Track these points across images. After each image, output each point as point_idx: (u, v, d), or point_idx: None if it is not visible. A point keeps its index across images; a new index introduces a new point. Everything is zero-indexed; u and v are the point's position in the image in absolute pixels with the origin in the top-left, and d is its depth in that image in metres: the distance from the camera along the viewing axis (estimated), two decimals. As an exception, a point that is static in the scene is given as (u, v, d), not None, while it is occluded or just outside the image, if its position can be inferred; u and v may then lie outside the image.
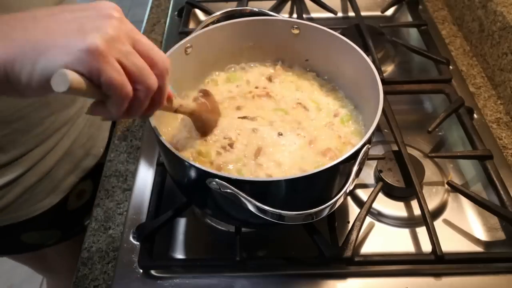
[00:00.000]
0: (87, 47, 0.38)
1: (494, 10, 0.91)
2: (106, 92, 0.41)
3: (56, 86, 0.37)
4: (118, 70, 0.40)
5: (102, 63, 0.38)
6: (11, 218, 0.79)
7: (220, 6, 1.05)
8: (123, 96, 0.41)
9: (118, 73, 0.40)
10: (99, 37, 0.38)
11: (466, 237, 0.69)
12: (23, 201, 0.78)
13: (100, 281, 0.65)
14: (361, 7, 1.05)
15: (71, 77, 0.37)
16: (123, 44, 0.41)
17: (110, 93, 0.41)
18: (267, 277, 0.64)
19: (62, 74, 0.37)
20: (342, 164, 0.53)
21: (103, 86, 0.40)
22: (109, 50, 0.39)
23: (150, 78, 0.43)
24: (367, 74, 0.64)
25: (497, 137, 0.82)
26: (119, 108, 0.42)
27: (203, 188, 0.53)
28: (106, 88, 0.40)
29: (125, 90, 0.41)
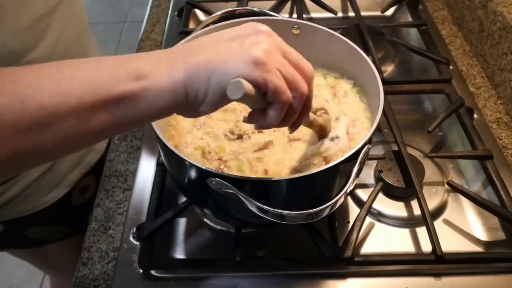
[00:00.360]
0: (253, 59, 0.42)
1: (494, 10, 0.91)
2: (271, 99, 0.44)
3: (232, 94, 0.41)
4: (280, 78, 0.44)
5: (267, 72, 0.42)
6: (15, 212, 0.80)
7: (220, 6, 1.05)
8: (285, 101, 0.44)
9: (281, 81, 0.43)
10: (260, 50, 0.43)
11: (466, 237, 0.69)
12: (26, 196, 0.79)
13: (100, 281, 0.65)
14: (361, 7, 1.05)
15: (245, 84, 0.41)
16: (278, 56, 0.44)
17: (274, 99, 0.44)
18: (267, 277, 0.64)
19: (238, 83, 0.41)
20: (343, 164, 0.53)
21: (269, 92, 0.43)
22: (270, 61, 0.43)
23: (303, 85, 0.46)
24: (367, 74, 0.64)
25: (497, 137, 0.82)
26: (280, 114, 0.45)
27: (203, 188, 0.53)
28: (271, 95, 0.43)
29: (287, 95, 0.44)
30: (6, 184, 0.75)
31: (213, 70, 0.42)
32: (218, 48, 0.44)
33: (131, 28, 2.94)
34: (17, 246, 0.93)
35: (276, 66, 0.43)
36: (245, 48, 0.43)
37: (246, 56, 0.42)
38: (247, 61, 0.42)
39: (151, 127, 0.57)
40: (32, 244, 0.90)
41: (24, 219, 0.82)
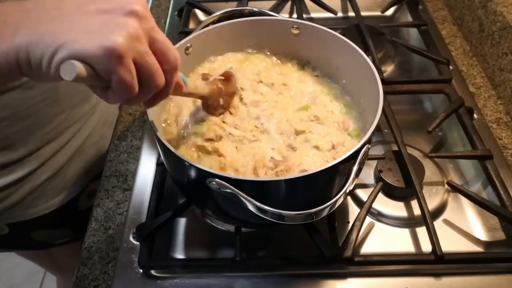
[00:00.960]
0: (109, 47, 0.39)
1: (494, 10, 0.91)
2: (113, 87, 0.42)
3: (64, 74, 0.39)
4: (131, 71, 0.41)
5: (117, 64, 0.40)
6: (21, 215, 0.80)
7: (220, 6, 1.05)
8: (127, 93, 0.42)
9: (130, 75, 0.41)
10: (121, 37, 0.39)
11: (466, 237, 0.69)
12: (33, 199, 0.79)
13: (100, 281, 0.65)
14: (361, 7, 1.05)
15: (79, 70, 0.39)
16: (141, 44, 0.42)
17: (117, 90, 0.42)
18: (267, 277, 0.64)
19: (71, 65, 0.39)
20: (342, 164, 0.53)
21: (112, 82, 0.41)
22: (127, 51, 0.40)
23: (158, 78, 0.44)
24: (367, 74, 0.64)
25: (497, 137, 0.82)
26: (120, 99, 0.44)
27: (203, 188, 0.53)
28: (114, 86, 0.41)
29: (131, 89, 0.42)
30: (12, 187, 0.75)
31: (60, 44, 0.39)
32: (77, 20, 0.40)
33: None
34: (21, 248, 0.93)
35: (133, 56, 0.41)
36: (107, 30, 0.40)
37: (102, 41, 0.39)
38: (100, 46, 0.39)
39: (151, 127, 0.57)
40: (37, 246, 0.90)
41: (30, 222, 0.81)
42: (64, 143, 0.79)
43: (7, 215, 0.78)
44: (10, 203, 0.76)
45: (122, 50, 0.39)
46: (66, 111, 0.77)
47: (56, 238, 0.90)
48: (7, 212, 0.78)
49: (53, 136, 0.77)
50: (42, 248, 0.91)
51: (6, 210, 0.77)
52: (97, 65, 0.39)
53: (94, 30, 0.39)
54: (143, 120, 0.88)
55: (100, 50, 0.39)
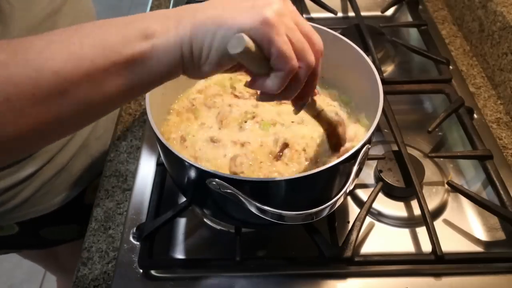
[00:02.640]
0: (262, 18, 0.41)
1: (494, 10, 0.91)
2: (274, 63, 0.43)
3: (232, 48, 0.40)
4: (288, 42, 0.42)
5: (274, 34, 0.41)
6: (30, 213, 0.80)
7: (220, 6, 1.05)
8: (289, 68, 0.43)
9: (288, 46, 0.42)
10: (272, 11, 0.41)
11: (466, 237, 0.69)
12: (41, 196, 0.79)
13: (100, 281, 0.65)
14: (361, 7, 1.05)
15: (247, 39, 0.40)
16: (289, 21, 0.43)
17: (278, 64, 0.42)
18: (267, 277, 0.64)
19: (240, 37, 0.40)
20: (342, 164, 0.53)
21: (273, 56, 0.42)
22: (280, 24, 0.41)
23: (311, 56, 0.45)
24: (367, 74, 0.64)
25: (497, 137, 0.82)
26: (282, 82, 0.44)
27: (203, 188, 0.53)
28: (275, 58, 0.42)
29: (292, 63, 0.43)
30: (20, 185, 0.75)
31: (219, 24, 0.41)
32: (229, 6, 0.43)
33: (131, 28, 2.94)
34: (32, 247, 0.93)
35: (285, 31, 0.42)
36: (257, 7, 0.42)
37: (255, 15, 0.41)
38: (255, 19, 0.41)
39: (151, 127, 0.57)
40: (47, 244, 0.91)
41: (39, 220, 0.82)
42: (69, 138, 0.80)
43: (17, 212, 0.79)
44: (19, 200, 0.77)
45: (274, 21, 0.41)
46: None
47: (65, 234, 0.91)
48: (17, 210, 0.78)
49: None
50: (50, 246, 0.92)
51: (15, 208, 0.77)
52: (257, 38, 0.41)
53: (246, 10, 0.42)
54: (143, 120, 0.88)
55: (257, 21, 0.41)
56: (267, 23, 0.41)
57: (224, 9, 0.42)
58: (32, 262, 1.08)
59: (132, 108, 0.90)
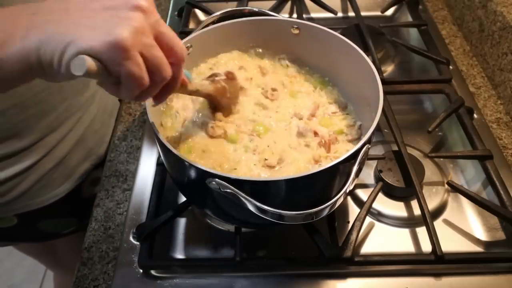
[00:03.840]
0: (114, 41, 0.40)
1: (494, 10, 0.91)
2: (124, 82, 0.43)
3: (74, 69, 0.40)
4: (139, 64, 0.42)
5: (124, 58, 0.41)
6: (28, 205, 0.81)
7: (220, 6, 1.05)
8: (138, 86, 0.44)
9: (138, 67, 0.42)
10: (126, 31, 0.41)
11: (466, 237, 0.69)
12: (39, 188, 0.80)
13: (100, 281, 0.65)
14: (361, 7, 1.05)
15: (88, 63, 0.40)
16: (146, 37, 0.43)
17: (127, 84, 0.43)
18: (267, 277, 0.64)
19: (81, 60, 0.40)
20: (342, 164, 0.53)
21: (122, 77, 0.42)
22: (133, 44, 0.41)
23: (166, 70, 0.46)
24: (367, 74, 0.64)
25: (497, 137, 0.82)
26: (132, 94, 0.45)
27: (203, 188, 0.53)
28: (124, 79, 0.43)
29: (141, 82, 0.43)
30: (19, 177, 0.76)
31: (70, 42, 0.40)
32: (83, 18, 0.42)
33: (131, 28, 2.94)
34: (30, 240, 0.93)
35: (139, 49, 0.42)
36: (112, 24, 0.41)
37: (107, 36, 0.40)
38: (106, 41, 0.40)
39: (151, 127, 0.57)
40: (45, 237, 0.91)
41: (37, 212, 0.83)
42: (67, 132, 0.80)
43: (15, 205, 0.79)
44: (18, 192, 0.77)
45: (127, 43, 0.40)
46: (68, 99, 0.78)
47: (63, 227, 0.91)
48: (15, 202, 0.79)
49: (57, 124, 0.78)
50: (48, 239, 0.92)
51: (14, 200, 0.78)
52: (104, 60, 0.41)
53: (99, 26, 0.41)
54: (143, 120, 0.88)
55: (105, 45, 0.40)
56: (117, 47, 0.40)
57: (76, 22, 0.42)
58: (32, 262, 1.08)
59: (132, 108, 0.90)
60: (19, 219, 0.83)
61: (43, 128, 0.76)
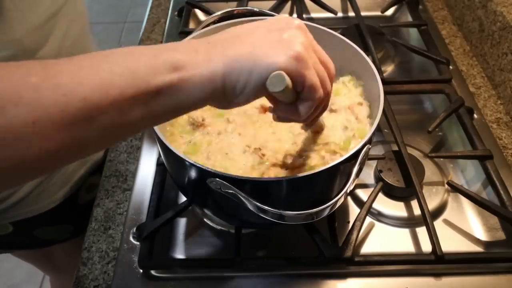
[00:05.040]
0: (295, 54, 0.42)
1: (494, 10, 0.91)
2: (305, 95, 0.45)
3: (273, 87, 0.42)
4: (315, 75, 0.45)
5: (306, 69, 0.43)
6: (25, 212, 0.80)
7: (220, 6, 1.05)
8: (318, 99, 0.46)
9: (316, 78, 0.45)
10: (300, 45, 0.43)
11: (466, 237, 0.69)
12: (36, 195, 0.79)
13: (100, 281, 0.65)
14: (361, 7, 1.05)
15: (287, 78, 0.42)
16: (312, 53, 0.45)
17: (309, 96, 0.45)
18: (267, 277, 0.64)
19: (280, 75, 0.42)
20: (343, 164, 0.53)
21: (305, 89, 0.44)
22: (308, 58, 0.44)
23: (329, 84, 0.48)
24: (367, 74, 0.64)
25: (497, 137, 0.82)
26: (310, 110, 0.47)
27: (203, 188, 0.53)
28: (307, 91, 0.45)
29: (319, 93, 0.45)
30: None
31: (254, 62, 0.42)
32: (257, 40, 0.43)
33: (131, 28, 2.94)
34: (25, 247, 0.93)
35: (312, 63, 0.44)
36: (285, 42, 0.43)
37: (288, 51, 0.42)
38: (289, 55, 0.42)
39: (151, 127, 0.57)
40: (40, 244, 0.91)
41: (33, 220, 0.82)
42: None
43: (12, 212, 0.79)
44: (15, 200, 0.77)
45: (305, 56, 0.43)
46: None
47: (59, 234, 0.91)
48: (12, 209, 0.78)
49: None
50: (44, 246, 0.92)
51: (10, 208, 0.78)
52: (292, 72, 0.43)
53: (275, 45, 0.43)
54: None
55: (290, 59, 0.42)
56: (300, 59, 0.43)
57: (253, 45, 0.43)
58: (32, 262, 1.08)
59: (132, 108, 0.90)
60: (15, 227, 0.82)
61: None
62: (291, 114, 0.48)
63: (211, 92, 0.42)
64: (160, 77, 0.40)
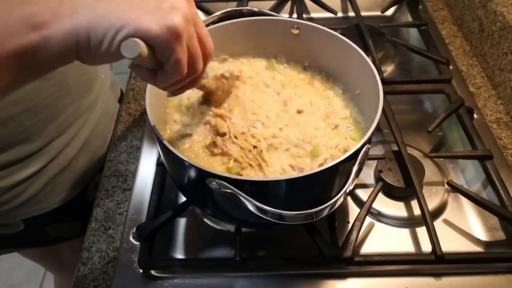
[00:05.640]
0: (171, 26, 0.40)
1: (494, 10, 0.91)
2: (167, 68, 0.43)
3: (126, 51, 0.40)
4: (185, 52, 0.42)
5: (177, 44, 0.41)
6: (36, 209, 0.81)
7: (220, 6, 1.05)
8: (178, 75, 0.44)
9: (184, 56, 0.42)
10: (179, 18, 0.40)
11: (466, 237, 0.69)
12: (46, 193, 0.80)
13: (100, 281, 0.65)
14: (361, 7, 1.05)
15: (142, 47, 0.40)
16: (191, 27, 0.43)
17: (169, 71, 0.43)
18: (267, 277, 0.64)
19: (136, 42, 0.39)
20: (342, 164, 0.53)
21: (169, 63, 0.42)
22: (184, 31, 0.41)
23: (200, 64, 0.46)
24: (367, 74, 0.64)
25: (497, 137, 0.82)
26: (169, 83, 0.45)
27: (203, 188, 0.53)
28: (169, 66, 0.42)
29: (182, 71, 0.43)
30: (27, 182, 0.76)
31: (125, 21, 0.39)
32: (133, 3, 0.41)
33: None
34: (35, 245, 0.93)
35: (187, 38, 0.42)
36: (164, 10, 0.40)
37: (164, 20, 0.40)
38: (163, 24, 0.40)
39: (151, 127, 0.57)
40: (50, 242, 0.91)
41: (44, 217, 0.83)
42: (73, 135, 0.81)
43: (22, 210, 0.79)
44: (26, 197, 0.77)
45: (181, 30, 0.40)
46: (75, 102, 0.79)
47: (68, 231, 0.92)
48: (23, 207, 0.79)
49: (64, 128, 0.78)
50: (53, 243, 0.92)
51: (22, 205, 0.78)
52: (157, 44, 0.40)
53: (153, 11, 0.40)
54: (143, 120, 0.88)
55: (164, 30, 0.40)
56: (174, 32, 0.40)
57: (129, 5, 0.40)
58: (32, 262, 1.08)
59: (132, 108, 0.90)
60: (26, 225, 0.83)
61: (52, 132, 0.76)
62: (148, 78, 0.46)
63: (74, 45, 0.40)
64: (19, 38, 0.37)
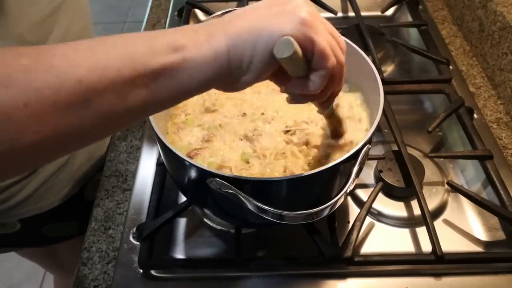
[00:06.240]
0: (301, 19, 0.41)
1: (494, 10, 0.91)
2: (316, 62, 0.43)
3: (280, 53, 0.40)
4: (327, 41, 0.42)
5: (315, 33, 0.41)
6: (33, 209, 0.81)
7: (220, 6, 1.05)
8: (330, 66, 0.43)
9: (327, 44, 0.42)
10: (304, 12, 0.41)
11: (466, 237, 0.69)
12: (43, 192, 0.80)
13: (100, 281, 0.65)
14: (361, 7, 1.05)
15: (294, 42, 0.40)
16: (320, 22, 0.43)
17: (320, 63, 0.43)
18: (267, 277, 0.64)
19: (287, 40, 0.40)
20: (343, 164, 0.53)
21: (315, 55, 0.42)
22: (316, 23, 0.42)
23: (341, 54, 0.45)
24: (367, 74, 0.64)
25: (497, 137, 0.82)
26: (323, 81, 0.44)
27: (203, 188, 0.53)
28: (317, 58, 0.42)
29: (332, 60, 0.43)
30: (23, 181, 0.76)
31: (258, 33, 0.40)
32: (259, 15, 0.42)
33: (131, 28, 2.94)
34: (32, 245, 0.93)
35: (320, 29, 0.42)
36: (289, 11, 0.41)
37: (292, 17, 0.41)
38: (294, 21, 0.41)
39: (151, 127, 0.57)
40: (47, 241, 0.91)
41: (41, 216, 0.83)
42: None
43: (19, 209, 0.79)
44: (22, 197, 0.77)
45: (312, 20, 0.41)
46: None
47: (66, 231, 0.91)
48: (20, 207, 0.79)
49: None
50: (51, 243, 0.92)
51: (18, 204, 0.78)
52: (300, 37, 0.41)
53: (279, 15, 0.41)
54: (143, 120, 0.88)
55: (297, 24, 0.41)
56: (306, 23, 0.41)
57: (255, 18, 0.41)
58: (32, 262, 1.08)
59: (132, 108, 0.90)
60: (22, 224, 0.82)
61: None
62: (303, 88, 0.45)
63: (216, 71, 0.40)
64: (160, 58, 0.38)
